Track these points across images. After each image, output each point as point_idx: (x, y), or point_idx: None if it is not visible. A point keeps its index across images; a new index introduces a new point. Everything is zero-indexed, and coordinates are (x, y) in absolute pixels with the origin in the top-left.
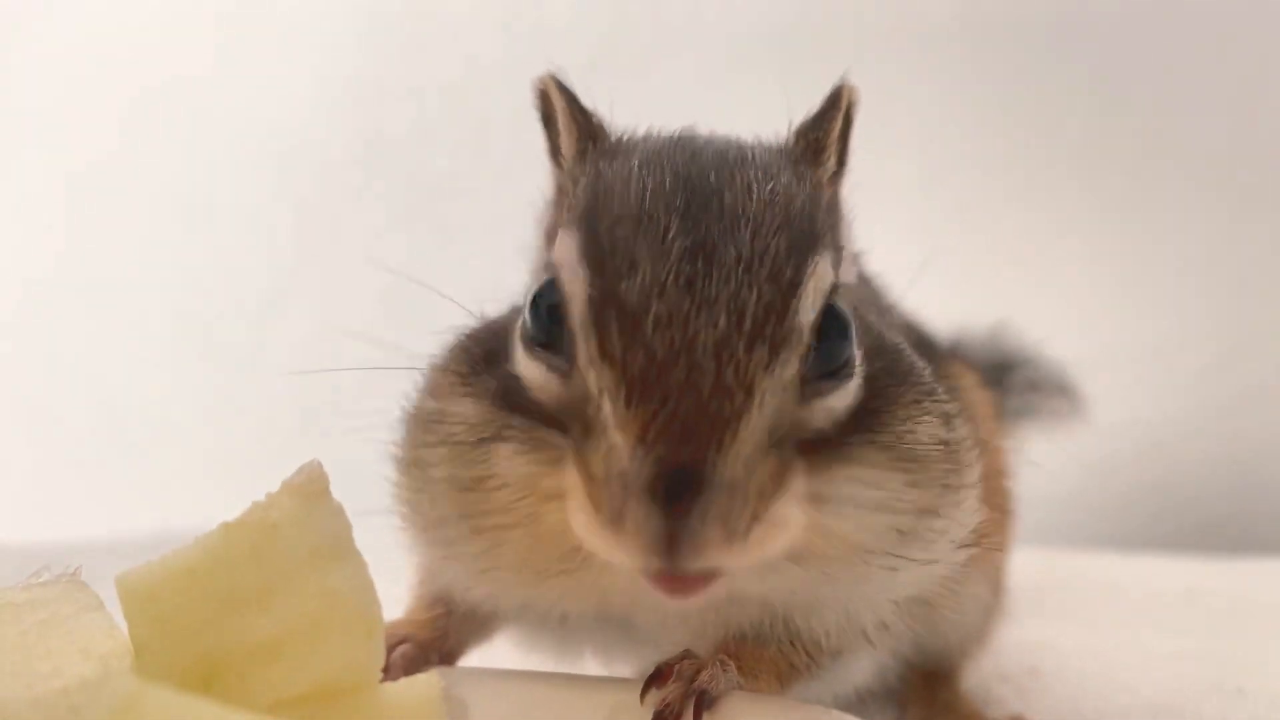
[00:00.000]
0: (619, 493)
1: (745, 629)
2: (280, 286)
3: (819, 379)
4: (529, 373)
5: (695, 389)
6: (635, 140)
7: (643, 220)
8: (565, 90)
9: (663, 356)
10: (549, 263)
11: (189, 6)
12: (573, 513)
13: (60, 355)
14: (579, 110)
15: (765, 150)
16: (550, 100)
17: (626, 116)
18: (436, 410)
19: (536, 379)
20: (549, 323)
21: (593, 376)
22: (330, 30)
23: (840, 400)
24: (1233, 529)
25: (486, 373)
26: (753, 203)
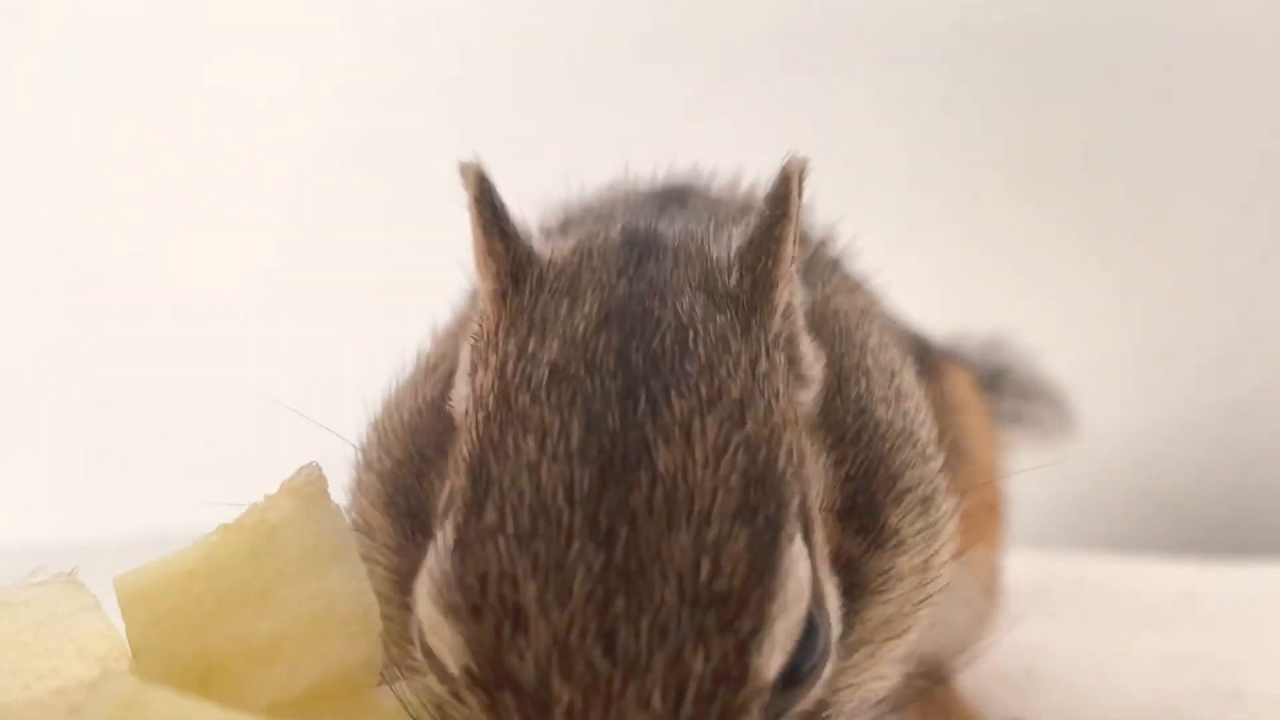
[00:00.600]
0: None
1: None
2: (278, 286)
3: (782, 691)
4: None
5: None
6: (558, 302)
7: (539, 524)
8: (488, 198)
9: None
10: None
11: (189, 5)
12: None
13: (59, 355)
14: (499, 234)
15: (708, 323)
16: (472, 202)
17: (627, 117)
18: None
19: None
20: None
21: None
22: (330, 29)
23: (806, 692)
24: (1230, 533)
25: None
26: (696, 468)
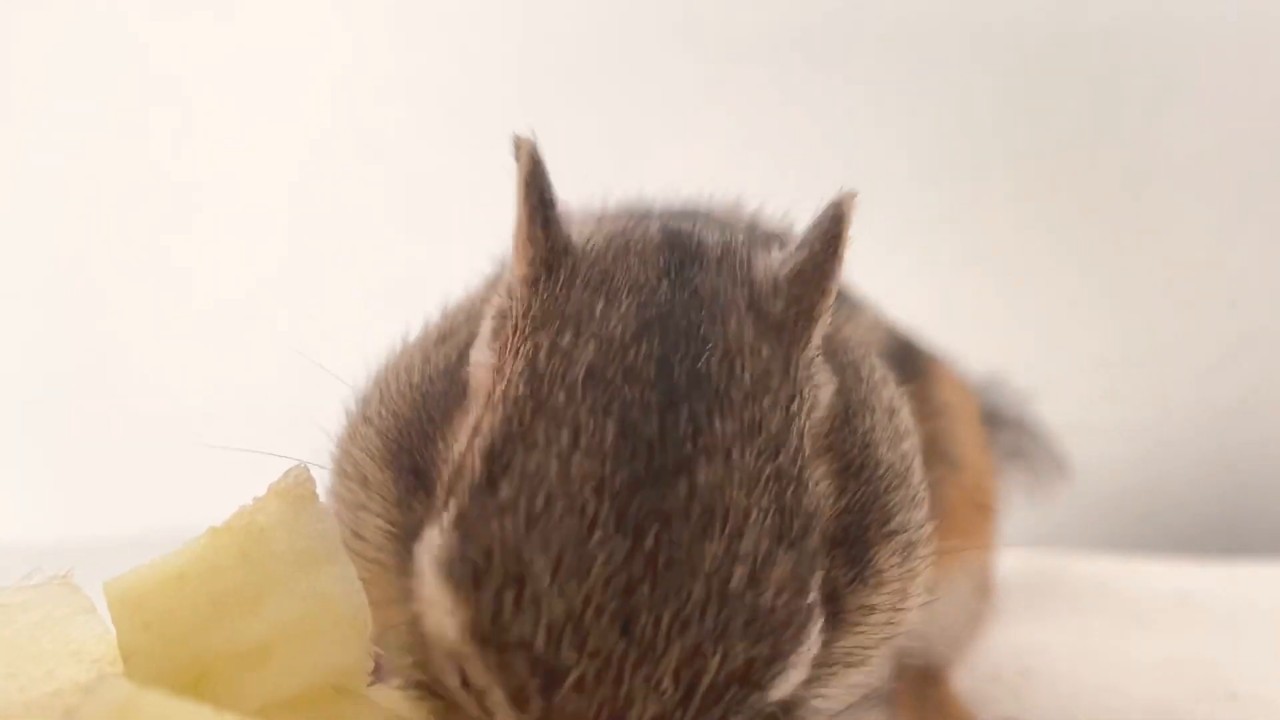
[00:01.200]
0: None
1: None
2: (278, 287)
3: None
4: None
5: None
6: (593, 298)
7: (557, 508)
8: (537, 182)
9: None
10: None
11: (189, 6)
12: None
13: (55, 356)
14: (543, 220)
15: (756, 353)
16: (521, 183)
17: (627, 117)
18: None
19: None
20: None
21: None
22: (330, 29)
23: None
24: (1226, 533)
25: (411, 498)
26: (733, 488)
